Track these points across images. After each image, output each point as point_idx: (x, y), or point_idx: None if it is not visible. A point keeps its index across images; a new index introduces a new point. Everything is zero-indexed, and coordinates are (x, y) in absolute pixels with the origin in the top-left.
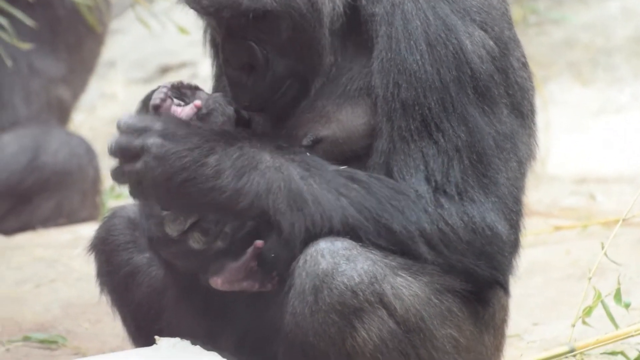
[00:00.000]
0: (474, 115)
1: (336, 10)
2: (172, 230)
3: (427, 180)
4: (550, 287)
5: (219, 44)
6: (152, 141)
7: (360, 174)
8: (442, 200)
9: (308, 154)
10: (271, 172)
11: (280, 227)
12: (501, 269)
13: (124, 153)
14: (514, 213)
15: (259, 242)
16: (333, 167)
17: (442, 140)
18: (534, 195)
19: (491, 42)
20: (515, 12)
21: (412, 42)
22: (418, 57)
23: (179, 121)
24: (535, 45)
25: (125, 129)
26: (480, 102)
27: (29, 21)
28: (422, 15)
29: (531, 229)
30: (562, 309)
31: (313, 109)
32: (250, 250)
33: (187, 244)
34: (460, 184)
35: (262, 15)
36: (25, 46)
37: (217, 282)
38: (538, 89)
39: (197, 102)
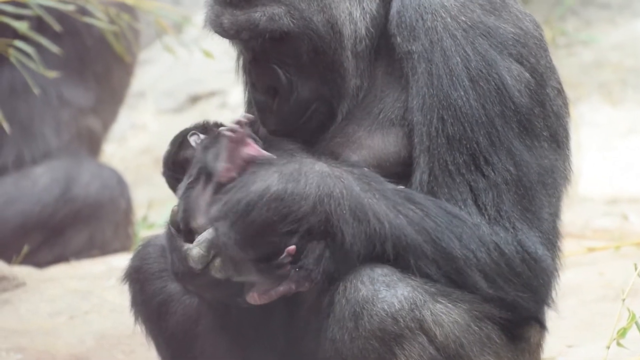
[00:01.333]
0: (520, 149)
1: (358, 33)
2: (196, 263)
3: (480, 212)
4: (584, 308)
5: (246, 68)
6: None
7: (418, 195)
8: (497, 229)
9: (365, 168)
10: (330, 178)
11: (343, 237)
12: (542, 302)
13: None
14: (555, 248)
15: (291, 248)
16: (392, 185)
17: (492, 174)
18: (566, 217)
19: (527, 75)
20: (545, 34)
21: (454, 78)
22: (462, 93)
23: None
24: (564, 67)
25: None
26: (524, 136)
27: (55, 49)
28: (462, 51)
29: (564, 250)
30: (596, 330)
31: (344, 134)
32: (283, 256)
33: (210, 275)
34: (511, 216)
35: (279, 36)
36: (52, 74)
37: (255, 297)
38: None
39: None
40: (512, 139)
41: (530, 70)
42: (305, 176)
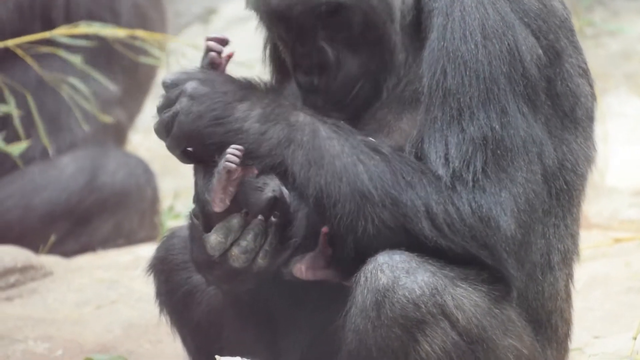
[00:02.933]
0: (514, 112)
1: (406, 4)
2: (214, 250)
3: (447, 165)
4: (610, 300)
5: (289, 49)
6: (189, 84)
7: (385, 147)
8: (457, 184)
9: (342, 122)
10: (299, 126)
11: (294, 179)
12: (502, 262)
13: (165, 104)
14: (523, 212)
15: (325, 228)
16: (360, 136)
17: (471, 128)
18: (593, 208)
19: (540, 51)
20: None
21: (467, 32)
22: (472, 46)
23: (220, 73)
24: (592, 57)
25: (167, 85)
26: (523, 101)
27: (111, 86)
28: (482, 9)
29: (591, 241)
30: (623, 321)
31: (375, 120)
32: (320, 237)
33: (228, 264)
34: (479, 173)
35: (333, 9)
36: (106, 119)
37: (302, 269)
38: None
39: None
40: (510, 100)
41: (546, 46)
42: (277, 122)
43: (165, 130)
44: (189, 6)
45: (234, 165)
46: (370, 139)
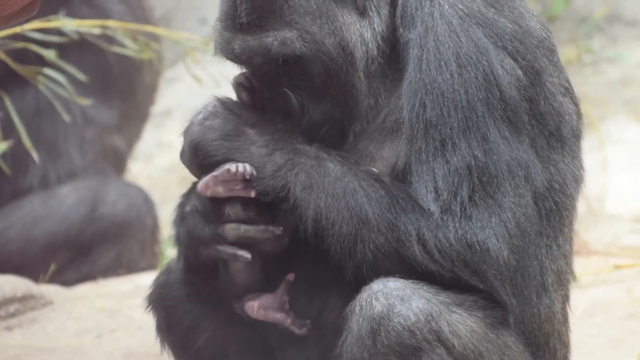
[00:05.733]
0: (495, 138)
1: (370, 54)
2: (202, 188)
3: (436, 200)
4: (611, 326)
5: (257, 92)
6: (210, 104)
7: (386, 178)
8: (445, 216)
9: (346, 153)
10: (304, 152)
11: (295, 202)
12: (497, 289)
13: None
14: (515, 238)
15: (290, 275)
16: (364, 167)
17: (455, 159)
18: (592, 235)
19: (519, 72)
20: (570, 52)
21: (442, 62)
22: (448, 77)
23: (240, 103)
24: (591, 84)
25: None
26: (504, 126)
27: (82, 76)
28: (455, 37)
29: (591, 268)
30: (624, 348)
31: (357, 151)
32: (283, 282)
33: (223, 237)
34: (466, 202)
35: (292, 60)
36: (84, 102)
37: (254, 307)
38: (594, 128)
39: None
40: (490, 126)
41: (525, 67)
42: (282, 149)
43: (182, 143)
44: (188, 34)
45: (235, 170)
46: (374, 169)
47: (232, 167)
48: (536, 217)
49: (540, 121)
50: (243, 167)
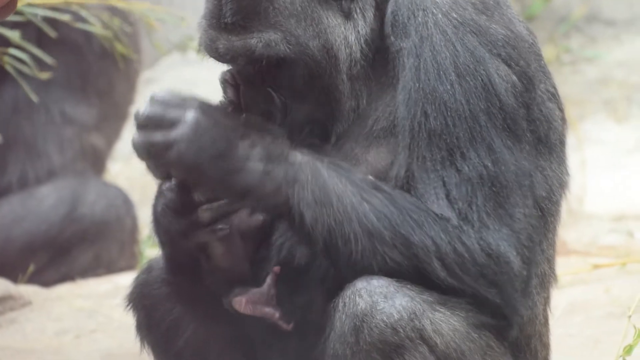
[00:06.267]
0: (500, 147)
1: (353, 56)
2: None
3: (450, 206)
4: (590, 325)
5: (240, 91)
6: (190, 114)
7: (385, 185)
8: (464, 223)
9: (338, 160)
10: (301, 165)
11: (302, 220)
12: (510, 301)
13: (157, 122)
14: (526, 249)
15: (276, 268)
16: (360, 174)
17: (467, 168)
18: (571, 234)
19: (514, 78)
20: (549, 51)
21: (441, 72)
22: (448, 87)
23: (218, 106)
24: (569, 84)
25: (160, 102)
26: (506, 135)
27: (49, 59)
28: (451, 46)
29: (570, 267)
30: (602, 347)
31: (342, 152)
32: (269, 276)
33: (197, 218)
34: (482, 212)
35: (276, 62)
36: (44, 75)
37: (242, 302)
38: (573, 128)
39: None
40: (494, 136)
41: (518, 73)
42: (278, 161)
43: (154, 152)
44: (167, 35)
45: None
46: (369, 177)
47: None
48: (541, 226)
49: (532, 127)
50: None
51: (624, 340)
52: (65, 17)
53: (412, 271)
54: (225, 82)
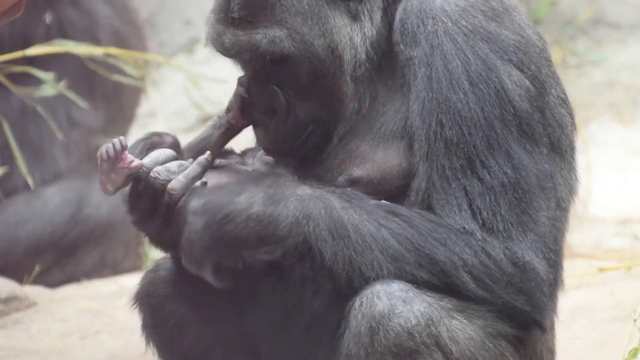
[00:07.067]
0: (518, 153)
1: (358, 58)
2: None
3: (474, 217)
4: (595, 329)
5: (246, 86)
6: (193, 204)
7: (400, 208)
8: (488, 233)
9: (348, 188)
10: (310, 200)
11: (322, 256)
12: (539, 307)
13: (150, 198)
14: (552, 252)
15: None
16: (373, 201)
17: (488, 177)
18: (576, 237)
19: (527, 82)
20: (555, 54)
21: (454, 81)
22: (462, 96)
23: (209, 172)
24: (575, 87)
25: (155, 181)
26: (523, 140)
27: (84, 105)
28: (462, 54)
29: (575, 271)
30: (607, 350)
31: (347, 150)
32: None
33: (173, 201)
34: (507, 219)
35: (279, 59)
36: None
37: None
38: (578, 130)
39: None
40: (511, 142)
41: (531, 77)
42: (285, 199)
43: (156, 229)
44: (174, 36)
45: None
46: (383, 201)
47: (102, 150)
48: (565, 228)
49: (548, 131)
50: (112, 145)
51: (629, 343)
52: (98, 52)
53: (442, 287)
54: (239, 82)
